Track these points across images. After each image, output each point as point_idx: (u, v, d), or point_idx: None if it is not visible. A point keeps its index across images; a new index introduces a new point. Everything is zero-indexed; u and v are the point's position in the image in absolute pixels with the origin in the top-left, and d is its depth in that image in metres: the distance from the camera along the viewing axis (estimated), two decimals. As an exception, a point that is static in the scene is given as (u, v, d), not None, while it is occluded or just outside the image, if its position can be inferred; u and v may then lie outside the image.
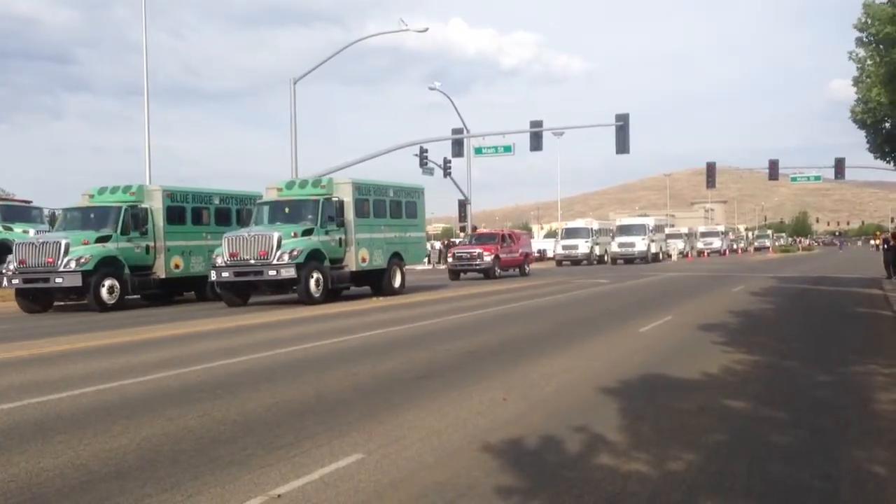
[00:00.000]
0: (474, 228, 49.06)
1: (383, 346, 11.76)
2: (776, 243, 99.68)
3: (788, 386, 8.16)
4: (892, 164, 28.13)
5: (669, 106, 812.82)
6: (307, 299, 20.22)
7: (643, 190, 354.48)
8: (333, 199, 21.76)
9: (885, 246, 29.29)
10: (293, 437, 6.13)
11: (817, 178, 58.76)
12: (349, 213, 22.07)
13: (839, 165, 49.27)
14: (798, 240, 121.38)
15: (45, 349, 12.09)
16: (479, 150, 44.98)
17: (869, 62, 22.14)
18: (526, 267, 37.44)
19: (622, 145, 36.86)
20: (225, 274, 20.42)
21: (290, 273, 19.88)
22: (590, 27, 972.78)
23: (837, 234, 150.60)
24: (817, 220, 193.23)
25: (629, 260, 51.68)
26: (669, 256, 62.43)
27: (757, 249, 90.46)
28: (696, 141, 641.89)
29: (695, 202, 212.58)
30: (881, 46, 20.00)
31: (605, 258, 52.98)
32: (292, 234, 20.52)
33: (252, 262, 20.21)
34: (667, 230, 66.29)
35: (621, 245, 52.87)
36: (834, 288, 24.12)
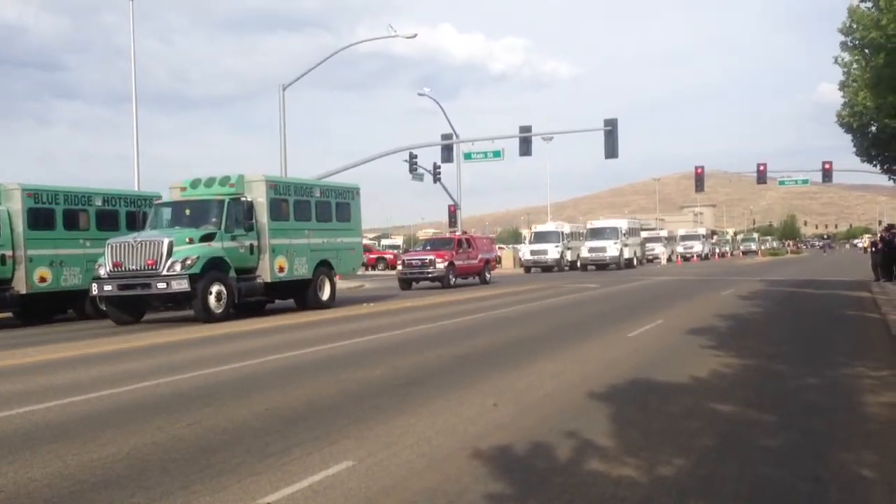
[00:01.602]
0: (464, 233, 49.06)
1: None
2: (762, 247, 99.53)
3: (778, 389, 8.19)
4: (878, 167, 28.36)
5: (658, 110, 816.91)
6: (205, 316, 17.58)
7: (633, 194, 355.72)
8: (243, 199, 19.15)
9: (874, 248, 29.47)
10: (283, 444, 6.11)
11: (805, 181, 59.10)
12: (263, 216, 19.52)
13: (826, 169, 49.59)
14: (787, 243, 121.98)
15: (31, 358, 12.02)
16: (468, 156, 45.04)
17: (855, 66, 22.31)
18: (486, 274, 34.77)
19: (611, 150, 36.97)
20: (107, 287, 17.75)
21: (182, 286, 17.24)
22: (578, 32, 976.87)
23: (825, 237, 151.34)
24: (805, 224, 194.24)
25: (601, 266, 48.26)
26: (657, 261, 62.37)
27: (744, 253, 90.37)
28: (685, 145, 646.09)
29: (684, 206, 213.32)
30: (866, 51, 20.16)
31: (578, 263, 49.48)
32: (186, 240, 17.81)
33: (138, 272, 17.58)
34: (644, 233, 63.83)
35: (592, 250, 48.80)
36: (822, 291, 24.23)
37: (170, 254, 17.45)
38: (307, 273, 20.93)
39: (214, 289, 17.83)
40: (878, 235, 32.66)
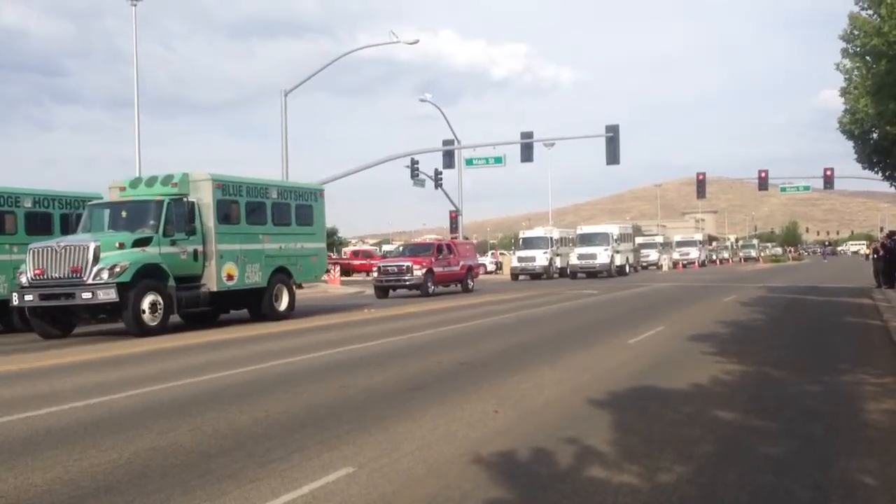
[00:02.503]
0: (466, 239, 49.06)
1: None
2: (762, 253, 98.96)
3: (779, 396, 8.18)
4: (880, 174, 28.35)
5: (660, 116, 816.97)
6: (137, 330, 15.87)
7: (634, 200, 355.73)
8: (185, 200, 17.50)
9: (876, 255, 29.45)
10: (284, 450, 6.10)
11: (806, 188, 59.10)
12: (209, 219, 17.82)
13: (828, 176, 49.60)
14: (789, 249, 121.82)
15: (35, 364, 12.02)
16: (469, 162, 45.16)
17: (856, 73, 22.34)
18: (469, 282, 32.98)
19: (613, 156, 37.02)
20: (28, 297, 15.98)
21: (109, 295, 15.51)
22: (579, 37, 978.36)
23: (827, 244, 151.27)
24: (807, 230, 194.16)
25: (591, 273, 45.09)
26: (654, 267, 61.97)
27: (746, 259, 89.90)
28: (687, 151, 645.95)
29: (686, 212, 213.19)
30: (868, 58, 20.18)
31: (568, 271, 46.80)
32: (116, 245, 16.13)
33: (62, 280, 15.88)
34: (640, 239, 62.04)
35: (581, 256, 45.80)
36: (824, 298, 24.21)
37: (96, 260, 15.75)
38: (261, 281, 19.27)
39: (148, 299, 16.10)
40: (880, 242, 32.65)
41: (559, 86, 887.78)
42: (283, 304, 20.18)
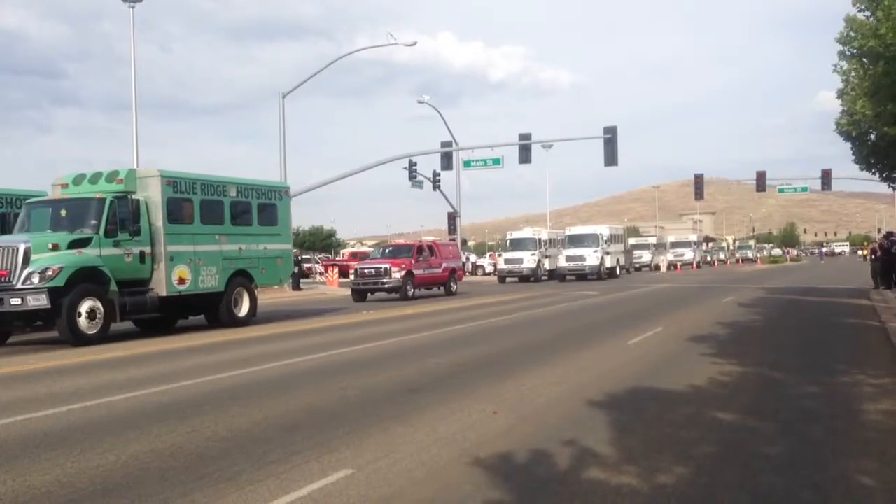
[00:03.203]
0: (465, 241, 49.01)
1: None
2: (759, 254, 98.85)
3: (777, 397, 8.18)
4: (878, 175, 28.38)
5: (658, 118, 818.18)
6: (72, 339, 14.60)
7: (633, 202, 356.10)
8: (130, 197, 16.16)
9: (874, 256, 29.49)
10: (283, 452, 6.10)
11: (804, 189, 59.17)
12: (158, 218, 16.55)
13: (826, 177, 49.68)
14: (787, 250, 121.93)
15: (31, 366, 12.00)
16: (468, 163, 45.19)
17: (853, 75, 22.35)
18: (452, 285, 31.57)
19: (611, 157, 37.08)
20: None
21: (40, 301, 14.28)
22: (577, 39, 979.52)
23: (824, 244, 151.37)
24: (805, 231, 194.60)
25: (580, 276, 43.30)
26: (645, 268, 61.81)
27: (743, 261, 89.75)
28: (685, 152, 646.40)
29: (684, 214, 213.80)
30: (865, 60, 20.20)
31: (558, 273, 44.90)
32: (49, 246, 14.82)
33: None
34: (631, 240, 60.91)
35: (569, 258, 43.90)
36: (822, 299, 24.23)
37: (27, 262, 14.47)
38: (218, 285, 17.91)
39: (85, 305, 14.83)
40: (878, 243, 32.69)
41: (558, 88, 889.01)
42: (244, 309, 18.87)
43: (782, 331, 15.08)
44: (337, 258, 62.66)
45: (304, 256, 53.82)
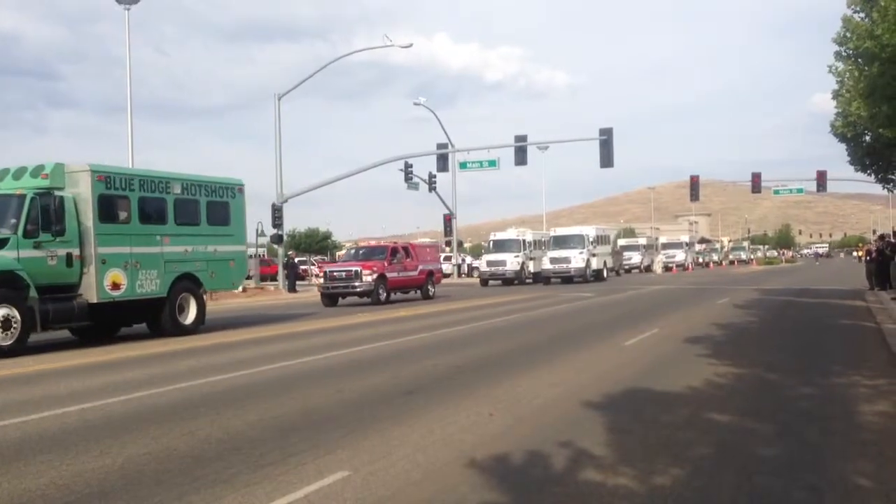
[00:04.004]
0: (461, 243, 49.02)
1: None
2: (754, 256, 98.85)
3: (773, 398, 8.19)
4: (873, 176, 28.46)
5: (654, 119, 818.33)
6: None
7: (628, 203, 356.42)
8: (53, 194, 14.68)
9: (869, 257, 29.57)
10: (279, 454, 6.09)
11: (800, 190, 59.27)
12: (87, 217, 15.08)
13: (821, 178, 49.79)
14: (782, 252, 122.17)
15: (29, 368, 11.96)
16: (463, 165, 45.24)
17: (848, 76, 22.42)
18: (430, 288, 30.29)
19: (606, 159, 37.17)
20: None
21: None
22: (573, 41, 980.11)
23: (817, 246, 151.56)
24: (800, 233, 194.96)
25: (565, 279, 42.09)
26: (636, 270, 61.65)
27: (737, 262, 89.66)
28: (680, 154, 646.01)
29: (679, 215, 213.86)
30: (860, 61, 20.27)
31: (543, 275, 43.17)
32: None
33: None
34: (621, 241, 60.18)
35: (554, 260, 42.36)
36: (817, 300, 24.28)
37: None
38: (159, 290, 16.47)
39: None
40: (873, 244, 32.78)
41: (554, 89, 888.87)
42: (190, 316, 17.33)
43: (778, 332, 15.10)
44: (333, 261, 62.53)
45: (299, 259, 53.83)
